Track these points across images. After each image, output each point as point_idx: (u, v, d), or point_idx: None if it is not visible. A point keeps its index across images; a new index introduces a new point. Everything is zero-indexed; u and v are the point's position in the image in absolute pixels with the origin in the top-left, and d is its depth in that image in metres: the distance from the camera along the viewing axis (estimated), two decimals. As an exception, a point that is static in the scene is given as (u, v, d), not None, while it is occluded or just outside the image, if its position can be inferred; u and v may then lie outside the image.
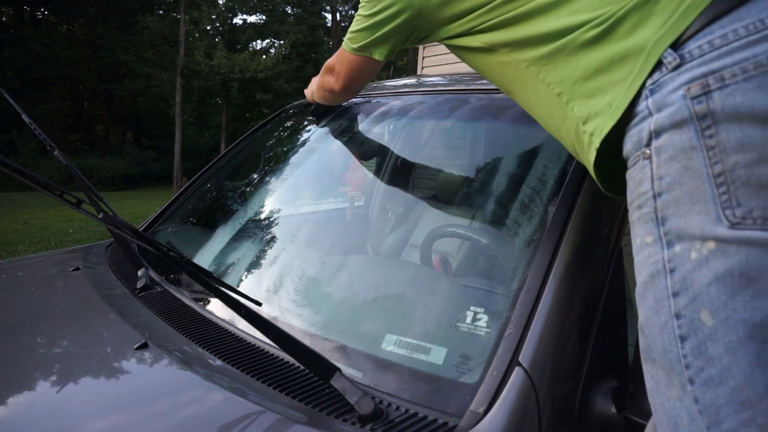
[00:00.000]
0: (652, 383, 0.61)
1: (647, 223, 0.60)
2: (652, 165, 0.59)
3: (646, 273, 0.60)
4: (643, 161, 0.60)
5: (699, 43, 0.58)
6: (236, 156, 1.63)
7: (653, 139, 0.59)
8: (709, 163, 0.55)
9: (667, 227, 0.58)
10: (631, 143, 0.62)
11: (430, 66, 6.98)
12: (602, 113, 0.66)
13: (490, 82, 1.24)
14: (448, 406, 0.68)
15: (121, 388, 0.75)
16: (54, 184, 0.74)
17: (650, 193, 0.59)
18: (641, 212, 0.61)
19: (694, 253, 0.55)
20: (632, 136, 0.62)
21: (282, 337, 0.70)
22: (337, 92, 1.16)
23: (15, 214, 8.45)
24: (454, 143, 1.28)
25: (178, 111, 18.13)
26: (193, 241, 1.35)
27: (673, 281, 0.57)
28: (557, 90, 0.71)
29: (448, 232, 1.13)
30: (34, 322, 0.96)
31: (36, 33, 19.12)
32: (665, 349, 0.57)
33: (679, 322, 0.56)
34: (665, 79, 0.59)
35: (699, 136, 0.55)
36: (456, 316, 0.82)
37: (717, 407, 0.53)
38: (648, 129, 0.60)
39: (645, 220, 0.60)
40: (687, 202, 0.56)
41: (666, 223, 0.58)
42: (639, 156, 0.61)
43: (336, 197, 1.37)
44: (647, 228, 0.60)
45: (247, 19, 37.09)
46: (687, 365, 0.55)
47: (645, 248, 0.60)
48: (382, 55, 0.99)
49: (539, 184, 0.94)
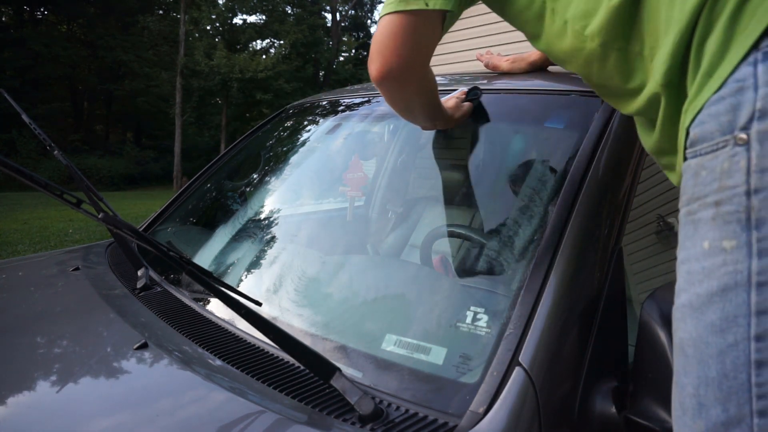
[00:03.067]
0: (678, 411, 0.53)
1: (728, 225, 0.49)
2: (751, 153, 0.48)
3: (714, 284, 0.50)
4: (735, 148, 0.49)
5: None
6: (236, 156, 1.63)
7: (755, 120, 0.48)
8: None
9: (764, 232, 0.48)
10: (716, 123, 0.51)
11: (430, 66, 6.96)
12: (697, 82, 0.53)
13: (491, 83, 1.24)
14: (448, 406, 0.68)
15: (121, 388, 0.75)
16: (54, 184, 0.74)
17: (742, 189, 0.48)
18: (719, 210, 0.50)
19: None
20: (719, 114, 0.51)
21: (282, 337, 0.70)
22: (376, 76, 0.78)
23: (15, 214, 8.45)
24: (454, 143, 1.28)
25: (178, 111, 18.14)
26: (193, 241, 1.35)
27: (761, 297, 0.47)
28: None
29: (448, 232, 1.13)
30: (34, 322, 0.96)
31: (36, 33, 19.12)
32: (723, 375, 0.49)
33: (758, 346, 0.47)
34: None
35: None
36: (456, 316, 0.82)
37: None
38: (750, 106, 0.48)
39: (726, 221, 0.50)
40: None
41: (762, 228, 0.48)
42: (728, 141, 0.50)
43: (336, 197, 1.37)
44: (727, 230, 0.49)
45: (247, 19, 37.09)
46: (761, 395, 0.47)
47: (718, 255, 0.50)
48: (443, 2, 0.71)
49: (539, 184, 0.94)
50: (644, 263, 1.46)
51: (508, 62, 1.26)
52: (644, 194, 1.39)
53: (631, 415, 0.69)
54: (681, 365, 0.53)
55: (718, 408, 0.49)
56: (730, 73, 0.51)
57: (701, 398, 0.50)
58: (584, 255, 0.80)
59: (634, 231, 1.43)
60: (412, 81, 0.83)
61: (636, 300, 1.30)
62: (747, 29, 0.51)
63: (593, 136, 0.93)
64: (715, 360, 0.49)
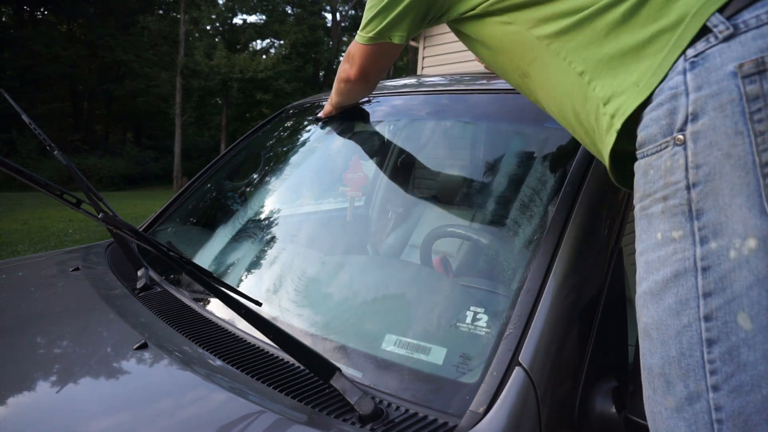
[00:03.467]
0: (649, 391, 0.57)
1: (675, 217, 0.54)
2: (687, 152, 0.53)
3: (667, 270, 0.54)
4: (674, 148, 0.54)
5: (757, 13, 0.51)
6: (236, 156, 1.63)
7: (689, 122, 0.53)
8: (757, 150, 0.49)
9: (703, 221, 0.52)
10: (657, 127, 0.56)
11: (430, 66, 6.99)
12: (627, 92, 0.59)
13: (491, 83, 1.24)
14: (448, 406, 0.68)
15: (121, 388, 0.75)
16: (54, 184, 0.74)
17: (682, 184, 0.53)
18: (667, 204, 0.55)
19: (732, 252, 0.50)
20: (659, 119, 0.56)
21: (282, 337, 0.70)
22: (353, 80, 1.07)
23: (15, 214, 8.45)
24: (454, 143, 1.28)
25: (178, 111, 18.14)
26: (193, 241, 1.35)
27: (706, 281, 0.52)
28: (579, 68, 0.65)
29: (448, 232, 1.13)
30: (34, 322, 0.96)
31: (36, 33, 19.10)
32: (681, 354, 0.53)
33: (708, 325, 0.51)
34: (712, 52, 0.52)
35: (746, 120, 0.50)
36: (456, 316, 0.82)
37: (746, 416, 0.49)
38: (683, 110, 0.53)
39: (673, 213, 0.54)
40: (727, 195, 0.51)
41: (702, 217, 0.52)
42: (668, 142, 0.55)
43: (336, 197, 1.37)
44: (675, 222, 0.54)
45: (247, 19, 37.15)
46: (713, 371, 0.51)
47: (669, 244, 0.55)
48: (401, 37, 0.90)
49: (539, 184, 0.94)
50: (644, 263, 1.45)
51: None
52: (644, 194, 1.39)
53: (631, 415, 0.69)
54: (647, 348, 0.57)
55: (681, 384, 0.53)
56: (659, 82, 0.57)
57: (667, 376, 0.54)
58: (584, 255, 0.80)
59: (634, 231, 1.43)
60: (375, 83, 1.13)
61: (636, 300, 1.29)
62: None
63: (593, 136, 0.93)
64: (674, 340, 0.54)
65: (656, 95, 0.56)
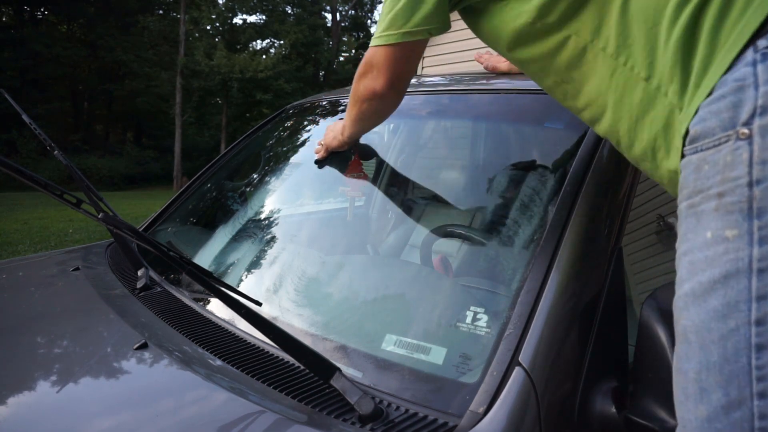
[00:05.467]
0: (681, 396, 0.55)
1: (730, 215, 0.51)
2: (753, 147, 0.50)
3: (716, 271, 0.52)
4: (737, 142, 0.51)
5: None
6: (236, 156, 1.63)
7: (757, 115, 0.50)
8: None
9: (765, 221, 0.50)
10: (717, 120, 0.53)
11: (430, 66, 6.98)
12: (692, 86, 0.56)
13: (490, 83, 1.25)
14: (448, 406, 0.68)
15: (121, 388, 0.75)
16: (54, 184, 0.74)
17: (744, 180, 0.51)
18: (722, 201, 0.52)
19: None
20: (719, 111, 0.53)
21: (282, 337, 0.70)
22: (381, 92, 0.91)
23: (15, 214, 8.45)
24: (455, 143, 1.28)
25: (178, 111, 18.16)
26: (193, 241, 1.35)
27: (762, 283, 0.49)
28: (644, 74, 0.61)
29: (448, 232, 1.13)
30: (34, 322, 0.96)
31: (36, 33, 19.12)
32: (724, 359, 0.50)
33: (759, 329, 0.49)
34: None
35: None
36: (456, 316, 0.82)
37: None
38: (751, 103, 0.51)
39: (728, 211, 0.52)
40: None
41: (763, 216, 0.50)
42: (730, 136, 0.52)
43: (336, 197, 1.37)
44: (729, 220, 0.51)
45: (247, 19, 37.15)
46: (761, 377, 0.49)
47: (720, 243, 0.52)
48: (439, 29, 0.80)
49: (539, 184, 0.94)
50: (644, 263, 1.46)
51: (507, 63, 1.26)
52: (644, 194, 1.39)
53: (631, 415, 0.69)
54: (683, 352, 0.54)
55: (720, 392, 0.51)
56: (723, 74, 0.54)
57: (703, 383, 0.52)
58: (584, 255, 0.80)
59: (634, 231, 1.43)
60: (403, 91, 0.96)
61: (636, 300, 1.30)
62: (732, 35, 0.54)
63: (593, 136, 0.93)
64: (716, 345, 0.51)
65: (718, 87, 0.54)
